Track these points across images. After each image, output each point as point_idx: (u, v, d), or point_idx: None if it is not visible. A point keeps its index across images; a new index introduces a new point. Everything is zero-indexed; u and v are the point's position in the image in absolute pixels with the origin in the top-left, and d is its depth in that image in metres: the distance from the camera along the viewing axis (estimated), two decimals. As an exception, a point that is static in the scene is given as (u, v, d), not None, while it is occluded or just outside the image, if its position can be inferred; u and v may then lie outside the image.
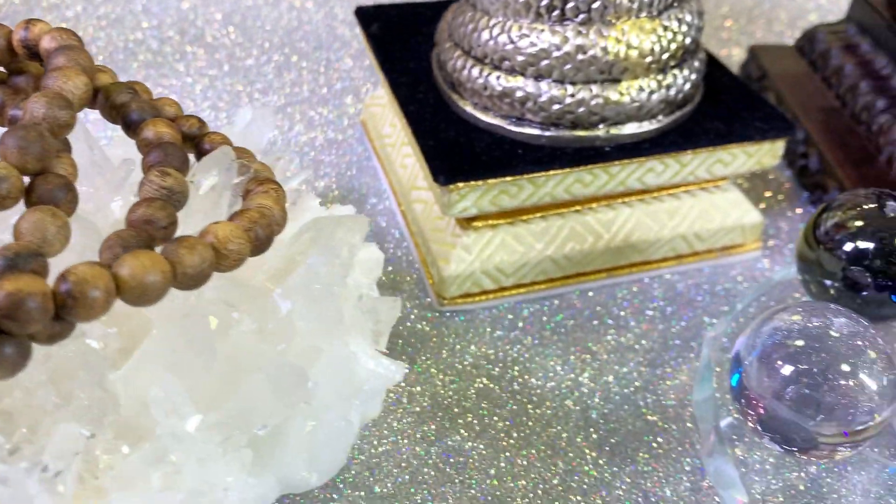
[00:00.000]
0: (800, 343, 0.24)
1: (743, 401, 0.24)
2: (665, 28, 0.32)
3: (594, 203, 0.36)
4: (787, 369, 0.23)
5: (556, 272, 0.36)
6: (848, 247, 0.28)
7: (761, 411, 0.24)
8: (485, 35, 0.33)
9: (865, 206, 0.29)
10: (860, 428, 0.23)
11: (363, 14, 0.42)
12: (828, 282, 0.29)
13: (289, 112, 0.47)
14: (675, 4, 0.33)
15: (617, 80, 0.32)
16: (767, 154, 0.36)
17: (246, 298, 0.24)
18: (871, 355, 0.23)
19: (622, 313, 0.36)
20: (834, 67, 0.46)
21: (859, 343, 0.24)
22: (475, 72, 0.34)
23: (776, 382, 0.23)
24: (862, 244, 0.28)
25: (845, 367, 0.23)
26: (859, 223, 0.29)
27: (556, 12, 0.32)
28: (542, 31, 0.32)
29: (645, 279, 0.37)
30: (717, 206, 0.37)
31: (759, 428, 0.24)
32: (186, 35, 0.54)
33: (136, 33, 0.54)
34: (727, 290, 0.37)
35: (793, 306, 0.25)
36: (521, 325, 0.35)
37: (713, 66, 0.39)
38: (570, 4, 0.31)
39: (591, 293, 0.37)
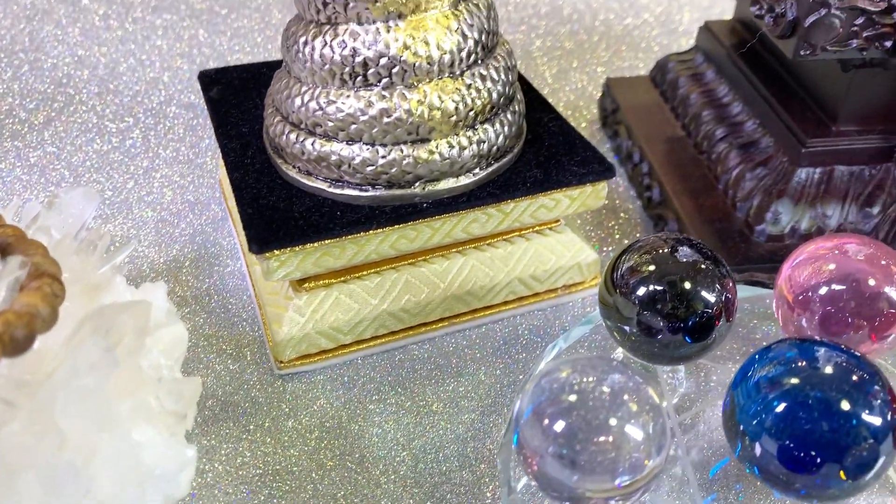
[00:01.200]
0: (565, 400, 0.24)
1: (522, 458, 0.25)
2: (469, 87, 0.33)
3: (428, 254, 0.37)
4: (551, 427, 0.24)
5: (396, 325, 0.37)
6: (641, 291, 0.29)
7: (535, 468, 0.24)
8: (298, 101, 0.34)
9: (658, 251, 0.30)
10: (630, 479, 0.24)
11: (205, 78, 0.42)
12: (626, 327, 0.30)
13: (152, 174, 0.48)
14: (480, 62, 0.34)
15: (426, 140, 0.33)
16: (591, 196, 0.37)
17: (19, 394, 0.24)
18: (634, 408, 0.24)
19: (462, 361, 0.37)
20: (681, 97, 0.47)
21: (625, 397, 0.24)
22: (293, 137, 0.34)
23: (543, 440, 0.24)
24: (653, 288, 0.29)
25: (608, 422, 0.24)
26: (651, 268, 0.29)
27: (359, 79, 0.32)
28: (348, 96, 0.33)
29: (486, 325, 0.38)
30: (552, 247, 0.38)
31: (538, 485, 0.25)
32: (55, 103, 0.54)
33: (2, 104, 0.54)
34: (567, 329, 0.38)
35: (567, 361, 0.26)
36: (359, 382, 0.36)
37: (540, 108, 0.40)
38: (372, 70, 0.32)
39: (432, 343, 0.37)
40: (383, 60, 0.32)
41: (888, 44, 0.33)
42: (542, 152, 0.37)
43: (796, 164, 0.39)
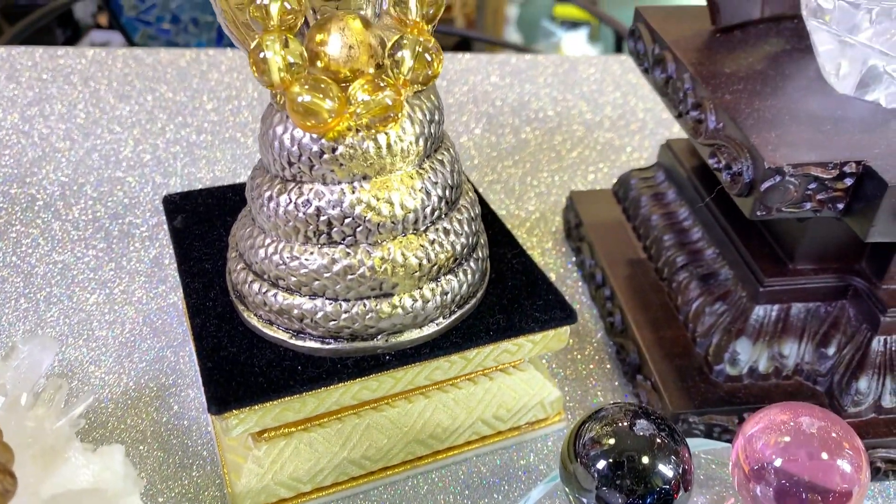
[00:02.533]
0: None
1: None
2: (432, 242, 0.34)
3: (390, 399, 0.36)
4: None
5: (358, 471, 0.36)
6: (600, 465, 0.29)
7: None
8: (261, 253, 0.34)
9: (618, 423, 0.30)
10: None
11: (170, 204, 0.42)
12: (584, 499, 0.30)
13: (113, 288, 0.47)
14: (444, 216, 0.34)
15: (389, 294, 0.33)
16: (553, 340, 0.37)
17: None
18: None
19: (424, 506, 0.36)
20: (643, 217, 0.48)
21: None
22: (255, 287, 0.34)
23: None
24: (612, 462, 0.29)
25: None
26: (611, 441, 0.30)
27: (323, 236, 0.32)
28: (312, 253, 0.33)
29: (448, 465, 0.38)
30: (515, 387, 0.38)
31: None
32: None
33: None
34: (530, 468, 0.38)
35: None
36: (319, 531, 0.35)
37: (504, 243, 0.40)
38: (336, 229, 0.32)
39: (394, 487, 0.37)
40: (348, 220, 0.32)
41: (840, 206, 0.34)
42: (506, 294, 0.37)
43: (754, 302, 0.40)
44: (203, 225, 0.41)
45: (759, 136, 0.34)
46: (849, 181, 0.33)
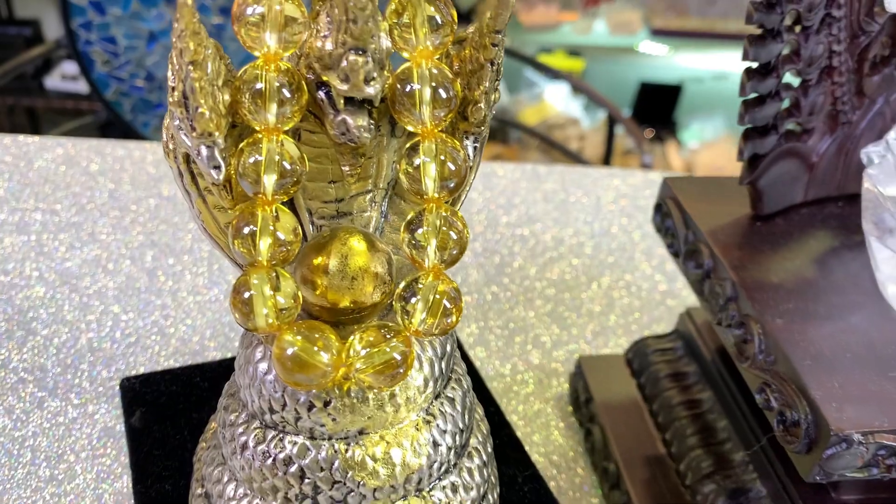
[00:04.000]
0: None
1: None
2: (438, 503, 0.28)
3: None
4: None
5: None
6: None
7: None
8: (232, 505, 0.28)
9: None
10: None
11: (128, 391, 0.37)
12: None
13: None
14: (452, 468, 0.29)
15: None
16: None
17: None
18: None
19: None
20: (662, 401, 0.43)
21: None
22: (223, 542, 0.29)
23: None
24: None
25: None
26: None
27: (307, 501, 0.27)
28: (293, 518, 0.27)
29: None
30: None
31: None
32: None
33: None
34: None
35: None
36: None
37: (514, 460, 0.35)
38: (323, 494, 0.27)
39: None
40: (337, 485, 0.27)
41: (911, 468, 0.29)
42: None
43: (794, 537, 0.35)
44: (164, 423, 0.35)
45: (819, 385, 0.29)
46: (925, 446, 0.29)
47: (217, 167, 0.24)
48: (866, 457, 0.29)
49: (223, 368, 0.39)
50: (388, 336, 0.25)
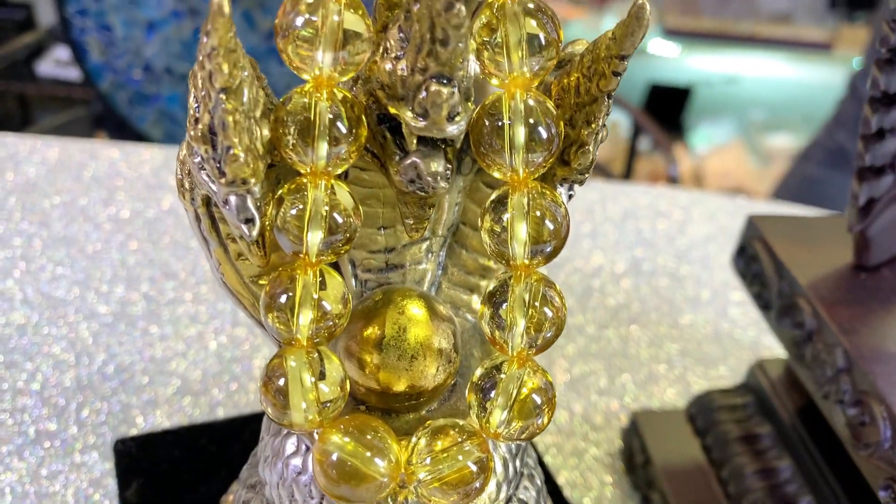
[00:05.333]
0: None
1: None
2: None
3: None
4: None
5: None
6: None
7: None
8: None
9: None
10: None
11: (123, 456, 0.31)
12: None
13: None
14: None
15: None
16: None
17: None
18: None
19: None
20: (733, 468, 0.38)
21: None
22: None
23: None
24: None
25: None
26: None
27: None
28: None
29: None
30: None
31: None
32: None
33: None
34: None
35: None
36: None
37: None
38: None
39: None
40: None
41: None
42: None
43: None
44: (166, 498, 0.30)
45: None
46: None
47: (250, 220, 0.19)
48: None
49: (234, 429, 0.33)
50: (460, 439, 0.20)
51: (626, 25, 0.18)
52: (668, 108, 2.01)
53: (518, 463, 0.23)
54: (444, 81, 0.17)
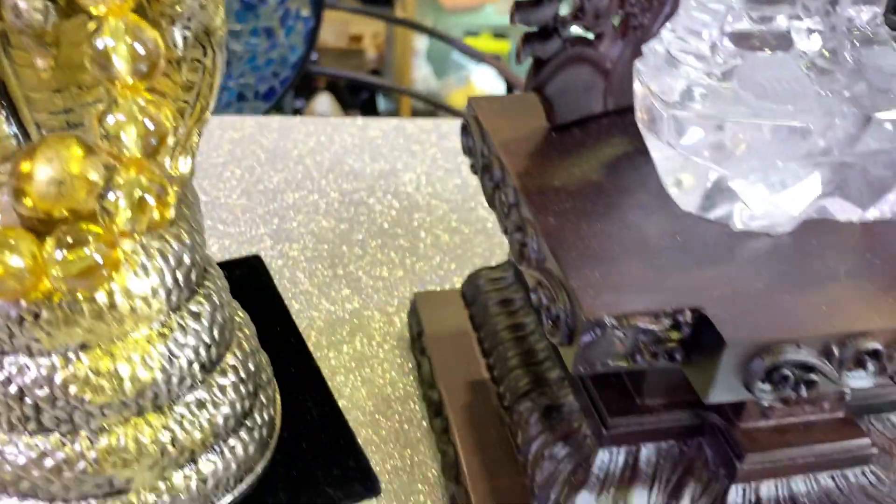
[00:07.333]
0: None
1: None
2: (181, 420, 0.27)
3: None
4: None
5: None
6: None
7: None
8: (-40, 439, 0.27)
9: None
10: None
11: None
12: None
13: None
14: (200, 384, 0.28)
15: (122, 491, 0.26)
16: (352, 516, 0.31)
17: None
18: None
19: None
20: (489, 328, 0.42)
21: None
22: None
23: None
24: None
25: None
26: None
27: (30, 423, 0.25)
28: (17, 444, 0.26)
29: None
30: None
31: None
32: None
33: None
34: None
35: None
36: None
37: (308, 384, 0.34)
38: (47, 415, 0.25)
39: None
40: (60, 402, 0.25)
41: (678, 356, 0.29)
42: (297, 463, 0.31)
43: (597, 446, 0.34)
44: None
45: (578, 275, 0.29)
46: (686, 330, 0.28)
47: None
48: (627, 344, 0.28)
49: None
50: (87, 238, 0.24)
51: None
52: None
53: (180, 276, 0.27)
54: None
